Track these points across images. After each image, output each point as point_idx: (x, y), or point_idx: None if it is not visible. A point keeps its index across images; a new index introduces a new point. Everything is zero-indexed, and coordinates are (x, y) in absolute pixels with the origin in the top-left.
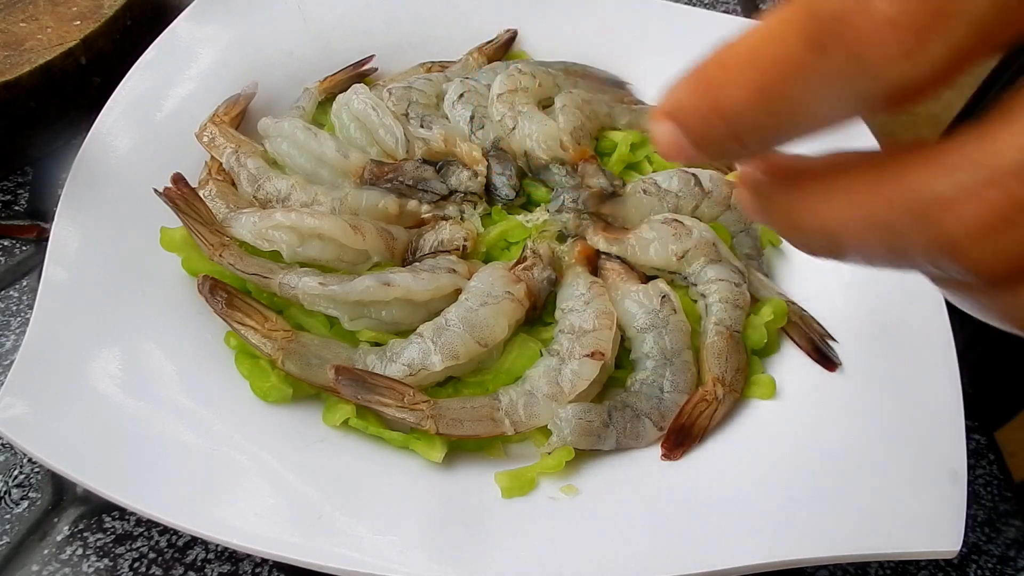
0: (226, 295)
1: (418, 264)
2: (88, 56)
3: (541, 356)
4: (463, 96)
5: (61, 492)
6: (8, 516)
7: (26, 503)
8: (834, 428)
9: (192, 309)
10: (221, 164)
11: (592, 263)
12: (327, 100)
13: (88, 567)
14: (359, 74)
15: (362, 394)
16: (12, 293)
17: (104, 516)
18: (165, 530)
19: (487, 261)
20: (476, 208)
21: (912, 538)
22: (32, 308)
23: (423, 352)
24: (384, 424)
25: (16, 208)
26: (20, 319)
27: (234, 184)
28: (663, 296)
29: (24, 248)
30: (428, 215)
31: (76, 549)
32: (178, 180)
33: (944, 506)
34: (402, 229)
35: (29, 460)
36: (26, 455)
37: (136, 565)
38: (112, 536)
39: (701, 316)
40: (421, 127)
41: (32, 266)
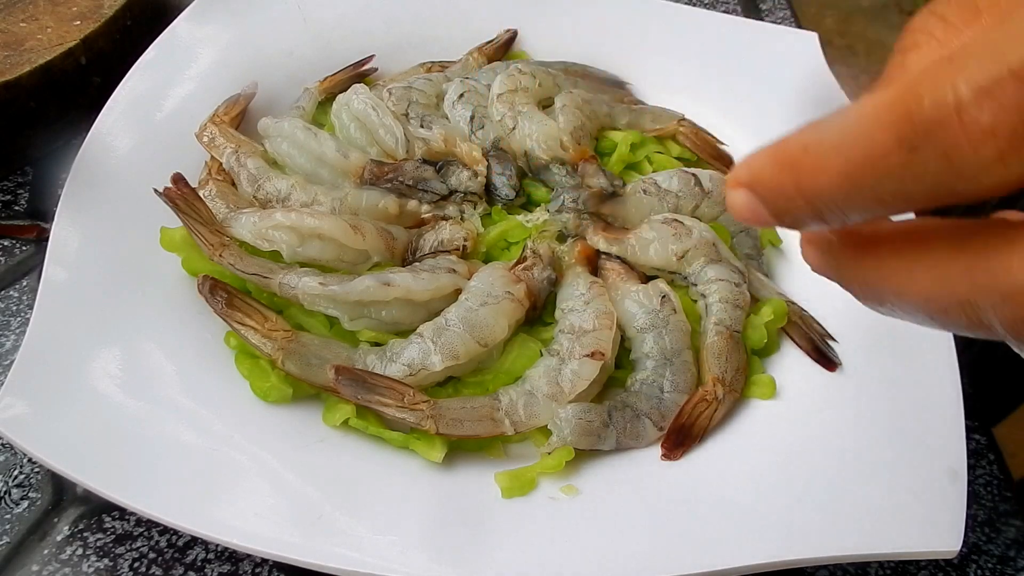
0: (226, 295)
1: (418, 264)
2: (88, 56)
3: (541, 356)
4: (463, 96)
5: (61, 492)
6: (8, 516)
7: (26, 503)
8: (834, 428)
9: (192, 309)
10: (221, 164)
11: (592, 263)
12: (327, 100)
13: (88, 567)
14: (359, 74)
15: (362, 394)
16: (12, 293)
17: (104, 516)
18: (165, 530)
19: (487, 261)
20: (476, 208)
21: (912, 538)
22: (32, 308)
23: (423, 352)
24: (384, 424)
25: (16, 208)
26: (20, 319)
27: (234, 184)
28: (663, 296)
29: (24, 248)
30: (428, 215)
31: (76, 549)
32: (178, 180)
33: (944, 506)
34: (402, 229)
35: (29, 460)
36: (26, 455)
37: (136, 565)
38: (112, 536)
39: (701, 316)
40: (421, 127)
41: (32, 266)
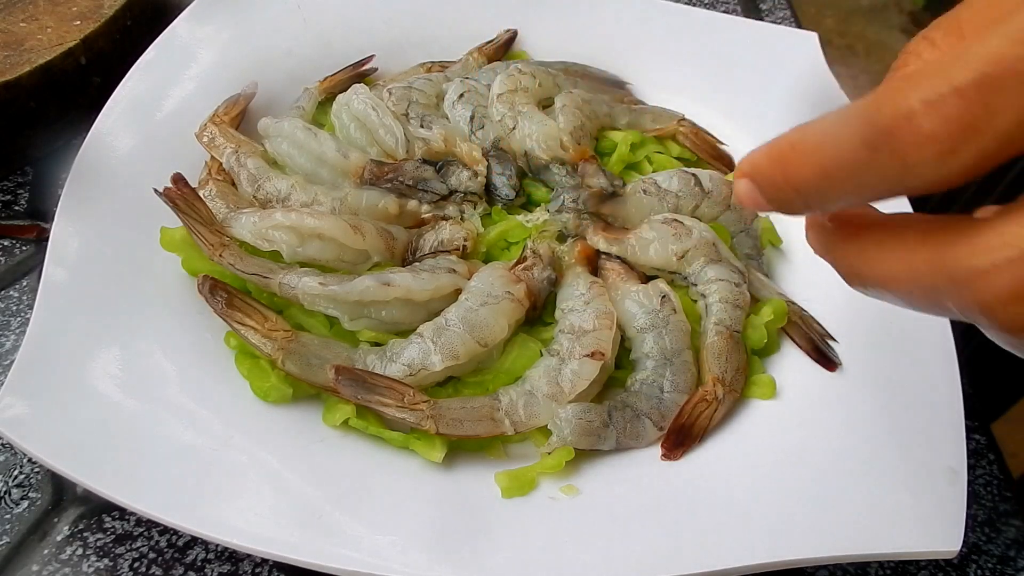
0: (226, 295)
1: (418, 264)
2: (88, 56)
3: (541, 356)
4: (463, 96)
5: (61, 492)
6: (8, 516)
7: (26, 503)
8: (834, 428)
9: (192, 309)
10: (221, 164)
11: (592, 263)
12: (327, 100)
13: (88, 567)
14: (359, 74)
15: (362, 394)
16: (12, 293)
17: (104, 516)
18: (165, 530)
19: (487, 261)
20: (476, 208)
21: (912, 538)
22: (32, 308)
23: (423, 352)
24: (384, 424)
25: (16, 208)
26: (20, 319)
27: (234, 184)
28: (663, 296)
29: (24, 248)
30: (428, 215)
31: (76, 549)
32: (178, 180)
33: (944, 506)
34: (402, 229)
35: (29, 460)
36: (26, 455)
37: (136, 565)
38: (112, 536)
39: (701, 316)
40: (421, 127)
41: (32, 266)
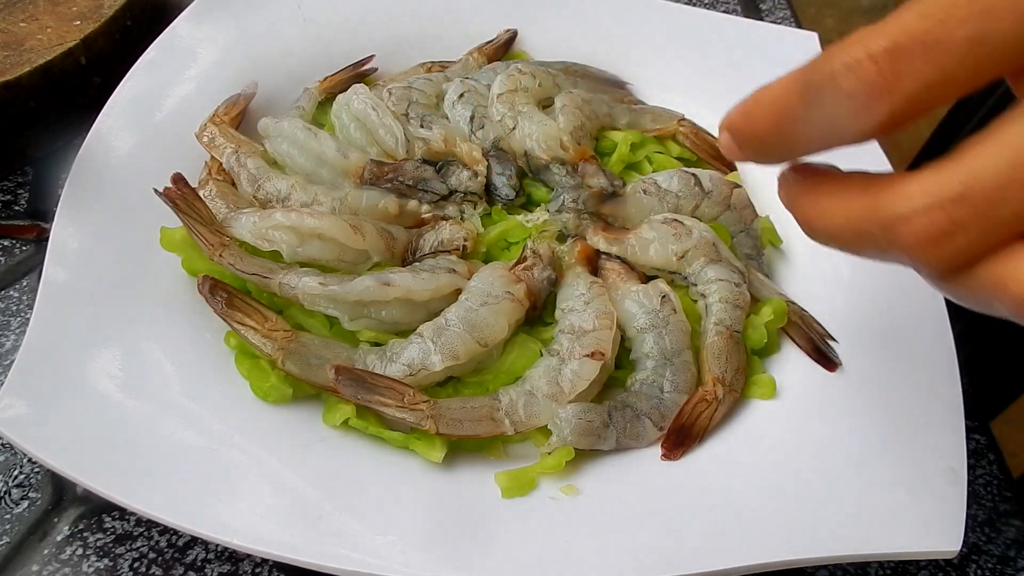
0: (226, 295)
1: (418, 264)
2: (88, 56)
3: (541, 356)
4: (463, 96)
5: (61, 492)
6: (8, 516)
7: (26, 503)
8: (834, 428)
9: (192, 309)
10: (221, 164)
11: (592, 263)
12: (327, 100)
13: (88, 567)
14: (359, 74)
15: (362, 394)
16: (12, 293)
17: (104, 516)
18: (165, 530)
19: (487, 261)
20: (476, 208)
21: (912, 538)
22: (32, 308)
23: (423, 352)
24: (384, 424)
25: (16, 208)
26: (20, 319)
27: (234, 184)
28: (663, 296)
29: (24, 248)
30: (428, 215)
31: (76, 549)
32: (178, 180)
33: (944, 506)
34: (402, 229)
35: (29, 460)
36: (26, 455)
37: (136, 565)
38: (112, 536)
39: (701, 316)
40: (421, 127)
41: (32, 266)
